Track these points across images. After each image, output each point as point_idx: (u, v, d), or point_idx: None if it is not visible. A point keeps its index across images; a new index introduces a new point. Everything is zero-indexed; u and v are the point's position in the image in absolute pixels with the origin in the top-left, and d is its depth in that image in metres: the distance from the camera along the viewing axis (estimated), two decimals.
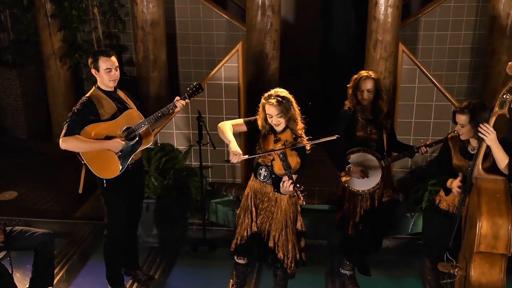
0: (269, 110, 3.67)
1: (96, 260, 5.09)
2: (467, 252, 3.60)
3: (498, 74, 6.28)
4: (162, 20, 6.56)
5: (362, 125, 4.28)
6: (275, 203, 3.89)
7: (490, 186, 3.56)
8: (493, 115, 3.52)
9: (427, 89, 5.08)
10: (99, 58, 3.98)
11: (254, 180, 3.96)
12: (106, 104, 4.05)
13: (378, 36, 5.86)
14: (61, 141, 3.88)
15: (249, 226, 3.96)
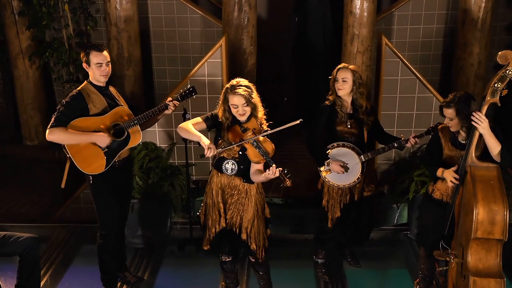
0: (235, 101, 3.63)
1: (79, 264, 4.98)
2: (463, 239, 3.63)
3: (471, 66, 6.42)
4: (136, 16, 6.39)
5: (342, 119, 4.26)
6: (246, 195, 3.85)
7: (484, 173, 3.59)
8: (485, 104, 3.54)
9: (409, 81, 5.14)
10: (91, 52, 3.92)
11: (218, 176, 3.87)
12: (96, 99, 3.98)
13: (354, 30, 5.89)
14: (48, 132, 3.85)
15: (217, 222, 3.89)
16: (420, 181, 4.87)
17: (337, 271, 4.72)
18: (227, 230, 3.89)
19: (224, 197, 3.87)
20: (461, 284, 3.64)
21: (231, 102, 3.66)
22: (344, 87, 4.20)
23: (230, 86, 3.68)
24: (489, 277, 3.51)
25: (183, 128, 3.72)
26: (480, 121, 3.52)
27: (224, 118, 3.73)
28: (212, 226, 3.90)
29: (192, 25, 6.80)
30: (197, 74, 5.14)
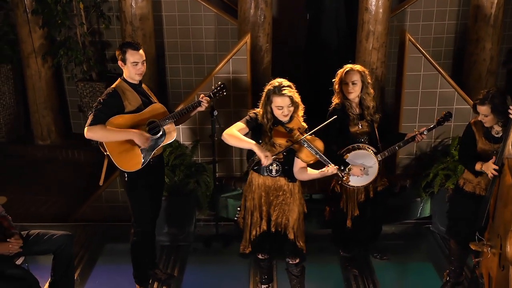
0: (280, 102, 3.55)
1: (104, 263, 4.95)
2: (501, 230, 3.63)
3: (483, 61, 6.47)
4: (150, 14, 6.36)
5: (354, 121, 4.26)
6: (290, 194, 3.79)
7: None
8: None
9: (431, 77, 5.17)
10: (127, 50, 3.92)
11: (261, 177, 3.78)
12: (131, 96, 3.98)
13: (370, 27, 5.90)
14: (87, 130, 3.85)
15: (259, 225, 3.83)
16: (444, 174, 4.90)
17: (365, 265, 4.76)
18: (270, 232, 3.82)
19: (268, 199, 3.80)
20: (499, 275, 3.66)
21: (276, 103, 3.58)
22: (355, 89, 4.21)
23: (274, 87, 3.59)
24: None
25: (232, 135, 3.60)
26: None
27: (266, 119, 3.64)
28: (254, 229, 3.84)
29: (206, 23, 6.75)
30: (222, 71, 5.10)
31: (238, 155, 5.43)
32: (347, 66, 4.27)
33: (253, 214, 3.83)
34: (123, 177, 4.09)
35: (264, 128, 3.65)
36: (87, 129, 3.84)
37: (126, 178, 4.07)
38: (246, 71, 5.11)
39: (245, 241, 3.92)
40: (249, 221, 3.86)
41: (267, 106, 3.62)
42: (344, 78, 4.22)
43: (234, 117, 5.29)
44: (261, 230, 3.82)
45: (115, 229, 5.36)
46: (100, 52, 7.03)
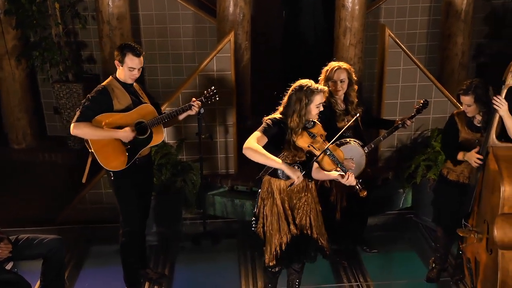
0: (321, 99, 3.49)
1: (92, 265, 4.85)
2: (488, 216, 3.74)
3: (455, 56, 6.66)
4: (128, 14, 6.28)
5: (340, 116, 4.35)
6: (310, 194, 3.74)
7: (505, 153, 3.71)
8: (505, 88, 3.65)
9: (410, 71, 5.29)
10: (127, 54, 3.86)
11: (282, 181, 3.63)
12: (121, 95, 3.94)
13: (347, 24, 6.00)
14: (73, 126, 3.81)
15: (287, 231, 3.64)
16: (425, 165, 5.02)
17: (353, 256, 4.83)
18: (299, 236, 3.67)
19: (292, 202, 3.67)
20: (488, 259, 3.77)
21: (318, 101, 3.49)
22: (343, 87, 4.31)
23: (310, 87, 3.47)
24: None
25: (257, 151, 3.36)
26: (501, 104, 3.64)
27: (298, 124, 3.49)
28: (283, 237, 3.64)
29: (183, 22, 6.71)
30: (206, 69, 5.09)
31: (224, 153, 5.43)
32: (335, 65, 4.32)
33: (279, 221, 3.65)
34: (109, 176, 4.05)
35: (289, 134, 3.51)
36: (73, 125, 3.80)
37: (112, 177, 4.03)
38: (230, 69, 5.11)
39: (269, 253, 3.68)
40: (274, 230, 3.65)
41: (305, 107, 3.48)
42: (332, 76, 4.28)
43: (219, 115, 5.31)
44: (291, 236, 3.64)
45: (101, 231, 5.28)
46: (76, 53, 6.90)
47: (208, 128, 4.97)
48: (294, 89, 3.53)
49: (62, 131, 6.95)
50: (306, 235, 3.70)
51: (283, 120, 3.53)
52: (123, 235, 4.18)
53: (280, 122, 3.53)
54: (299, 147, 3.53)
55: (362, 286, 4.46)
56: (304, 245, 3.72)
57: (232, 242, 5.15)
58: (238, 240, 5.17)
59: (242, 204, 5.27)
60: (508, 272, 3.64)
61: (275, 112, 3.62)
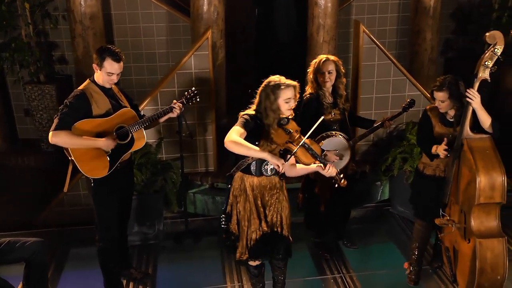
0: (288, 94, 3.45)
1: (72, 268, 4.77)
2: (465, 206, 3.85)
3: (424, 51, 6.81)
4: (100, 13, 6.21)
5: (327, 109, 4.39)
6: (282, 191, 3.76)
7: (479, 144, 3.80)
8: (477, 81, 3.72)
9: (385, 66, 5.39)
10: (107, 59, 3.70)
11: (255, 178, 3.64)
12: (100, 99, 3.79)
13: (320, 21, 6.08)
14: (51, 134, 3.65)
15: (258, 228, 3.67)
16: (402, 158, 5.13)
17: (335, 249, 4.90)
18: (268, 233, 3.70)
19: (264, 199, 3.69)
20: (465, 247, 3.88)
21: (285, 96, 3.44)
22: (331, 78, 4.35)
23: (278, 82, 3.46)
24: (492, 237, 3.76)
25: (239, 143, 3.35)
26: (474, 97, 3.70)
27: (273, 120, 3.48)
28: (253, 233, 3.66)
29: (157, 21, 6.67)
30: (184, 67, 5.07)
31: (203, 151, 5.43)
32: (322, 57, 4.38)
33: (251, 218, 3.67)
34: (89, 182, 3.91)
35: (265, 129, 3.54)
36: (52, 134, 3.63)
37: (92, 184, 3.89)
38: (208, 67, 5.11)
39: (241, 247, 3.72)
40: (246, 226, 3.68)
41: (274, 103, 3.46)
42: (321, 68, 4.33)
43: (198, 113, 5.30)
44: (262, 232, 3.67)
45: (80, 233, 5.19)
46: (47, 53, 6.77)
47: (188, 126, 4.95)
48: (263, 86, 3.54)
49: (34, 133, 6.82)
50: (276, 232, 3.73)
51: (258, 116, 3.54)
52: (101, 241, 4.06)
53: (256, 118, 3.54)
54: (275, 142, 3.54)
55: (345, 278, 4.52)
56: (274, 241, 3.75)
57: (214, 239, 5.14)
58: (220, 238, 5.15)
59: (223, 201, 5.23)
60: (486, 260, 3.76)
61: (249, 108, 3.62)
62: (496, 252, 3.77)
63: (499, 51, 3.65)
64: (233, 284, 4.48)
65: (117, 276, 4.27)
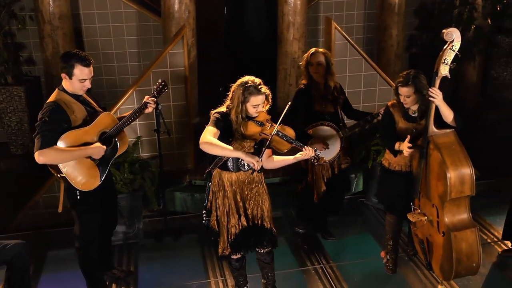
0: (258, 101, 3.50)
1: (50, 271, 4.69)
2: (435, 201, 3.93)
3: (391, 47, 7.01)
4: (69, 13, 6.15)
5: (318, 100, 4.50)
6: (261, 184, 3.81)
7: (445, 140, 3.87)
8: (438, 79, 3.78)
9: (356, 62, 5.53)
10: (76, 65, 3.56)
11: (233, 174, 3.69)
12: (76, 108, 3.65)
13: (290, 18, 6.19)
14: (38, 154, 3.44)
15: (237, 222, 3.73)
16: (375, 150, 5.28)
17: (314, 241, 5.00)
18: (248, 227, 3.75)
19: (243, 194, 3.73)
20: (440, 239, 3.99)
21: (255, 102, 3.49)
22: (320, 70, 4.44)
23: (251, 86, 3.48)
24: (465, 229, 3.89)
25: (213, 144, 3.39)
26: (436, 94, 3.78)
27: (240, 117, 3.53)
28: (233, 227, 3.72)
29: (127, 20, 6.63)
30: (159, 66, 5.07)
31: (180, 149, 5.44)
32: (312, 49, 4.48)
33: (229, 213, 3.73)
34: (74, 196, 3.74)
35: (235, 126, 3.56)
36: (38, 153, 3.43)
37: (78, 196, 3.73)
38: (184, 65, 5.12)
39: (223, 242, 3.78)
40: (226, 221, 3.74)
41: (242, 105, 3.51)
42: (310, 59, 4.43)
43: (174, 111, 5.30)
44: (241, 227, 3.72)
45: (57, 235, 5.14)
46: (14, 54, 6.62)
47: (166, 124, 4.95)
48: (237, 85, 3.56)
49: (3, 136, 6.66)
50: (257, 224, 3.79)
51: (229, 113, 3.58)
52: (82, 248, 3.97)
53: (227, 115, 3.58)
54: (247, 138, 3.59)
55: (325, 268, 4.62)
56: (255, 234, 3.80)
57: (194, 236, 5.16)
58: (200, 234, 5.19)
59: (202, 198, 5.28)
60: (461, 250, 3.89)
61: (221, 106, 3.66)
62: (470, 242, 3.90)
63: (457, 48, 3.72)
64: (216, 279, 4.52)
65: (100, 278, 4.21)
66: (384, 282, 4.46)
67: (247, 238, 3.78)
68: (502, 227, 4.83)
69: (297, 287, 4.43)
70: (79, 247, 3.99)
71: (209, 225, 3.81)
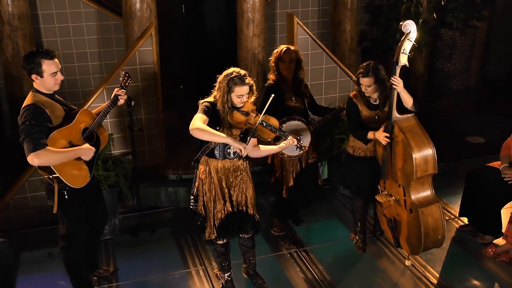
0: (242, 91, 3.66)
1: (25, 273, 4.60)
2: (402, 181, 4.22)
3: (345, 41, 7.31)
4: (29, 13, 6.07)
5: (288, 95, 4.64)
6: (246, 172, 3.96)
7: (407, 124, 4.16)
8: (398, 67, 4.05)
9: (317, 55, 5.76)
10: (42, 61, 3.56)
11: (219, 161, 3.84)
12: (54, 107, 3.66)
13: (249, 15, 6.36)
14: (33, 156, 3.42)
15: (223, 208, 3.89)
16: (339, 138, 5.53)
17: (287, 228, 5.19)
18: (233, 213, 3.91)
19: (229, 181, 3.88)
20: (408, 217, 4.28)
21: (239, 92, 3.64)
22: (291, 67, 4.58)
23: (235, 77, 3.64)
24: (430, 204, 4.21)
25: (203, 130, 3.53)
26: (398, 82, 4.06)
27: (227, 107, 3.68)
28: (218, 212, 3.88)
29: (86, 20, 6.60)
30: (129, 63, 5.12)
31: (151, 144, 5.51)
32: (283, 47, 4.58)
33: (216, 200, 3.88)
34: (62, 196, 3.76)
35: (222, 115, 3.70)
36: (33, 156, 3.42)
37: (67, 196, 3.76)
38: (153, 62, 5.20)
39: (210, 227, 3.94)
40: (212, 207, 3.90)
41: (227, 95, 3.66)
42: (283, 56, 4.53)
43: (144, 107, 5.37)
44: (226, 212, 3.89)
45: (29, 236, 5.11)
46: None
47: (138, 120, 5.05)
48: (223, 76, 3.70)
49: None
50: (241, 210, 3.97)
51: (216, 103, 3.73)
52: (68, 247, 3.98)
53: (215, 105, 3.73)
54: (234, 127, 3.74)
55: (299, 252, 4.84)
56: (239, 220, 3.98)
57: (169, 230, 5.26)
58: (175, 227, 5.29)
59: (176, 191, 5.40)
60: (428, 225, 4.20)
61: (209, 96, 3.80)
62: (435, 217, 4.22)
63: (413, 38, 4.00)
64: (196, 268, 4.63)
65: (86, 277, 4.21)
66: (356, 261, 4.72)
67: (231, 223, 3.95)
68: (457, 205, 5.23)
69: (275, 271, 4.60)
70: (65, 246, 3.98)
71: (196, 210, 3.95)
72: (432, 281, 4.40)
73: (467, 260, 4.71)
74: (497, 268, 4.53)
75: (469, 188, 4.94)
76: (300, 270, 4.60)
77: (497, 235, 4.82)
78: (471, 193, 4.92)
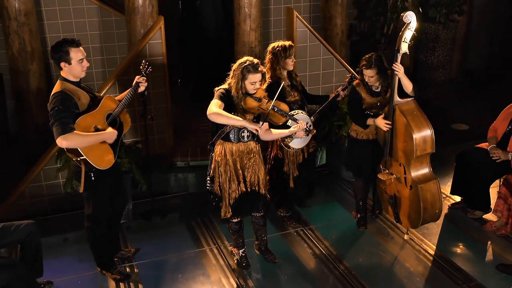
0: (255, 78, 3.91)
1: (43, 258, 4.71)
2: (402, 160, 4.55)
3: (336, 35, 7.61)
4: (34, 9, 6.24)
5: (288, 91, 4.83)
6: (258, 154, 4.23)
7: (407, 107, 4.49)
8: (400, 55, 4.38)
9: (315, 47, 6.08)
10: (70, 49, 3.77)
11: (234, 145, 4.10)
12: (81, 95, 3.88)
13: (246, 10, 6.63)
14: (62, 139, 3.64)
15: (237, 188, 4.16)
16: (338, 125, 5.85)
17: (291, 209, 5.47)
18: (246, 192, 4.19)
19: (243, 162, 4.15)
20: (408, 193, 4.61)
21: (252, 79, 3.90)
22: (293, 63, 4.77)
23: (249, 65, 3.88)
24: (429, 181, 4.56)
25: (221, 114, 3.78)
26: (399, 69, 4.38)
27: (241, 93, 3.94)
28: (233, 192, 4.16)
29: (89, 16, 6.78)
30: (139, 55, 5.34)
31: (161, 133, 5.74)
32: (286, 43, 4.69)
33: (231, 180, 4.15)
34: (89, 178, 3.98)
35: (236, 101, 3.96)
36: (62, 138, 3.64)
37: (93, 177, 3.98)
38: (162, 54, 5.44)
39: (225, 206, 4.22)
40: (227, 187, 4.16)
41: (241, 82, 3.92)
42: (290, 52, 4.66)
43: (153, 97, 5.60)
44: (240, 192, 4.17)
45: (45, 223, 5.26)
46: None
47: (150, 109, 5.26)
48: (237, 64, 3.97)
49: None
50: (254, 190, 4.25)
51: (230, 90, 4.00)
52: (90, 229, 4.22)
53: (229, 91, 4.00)
54: (247, 112, 4.02)
55: (305, 230, 5.15)
56: (252, 199, 4.27)
57: (181, 214, 5.50)
58: (186, 211, 5.54)
59: (185, 177, 5.66)
60: (427, 200, 4.54)
61: (224, 83, 4.07)
62: (433, 192, 4.58)
63: (413, 28, 4.33)
64: (210, 247, 4.90)
65: (108, 256, 4.45)
66: (358, 237, 5.04)
67: (245, 202, 4.24)
68: (447, 185, 5.61)
69: (283, 248, 4.88)
70: (89, 226, 4.21)
71: (212, 191, 4.23)
72: (430, 252, 4.76)
73: (459, 233, 5.08)
74: (484, 239, 4.95)
75: (460, 167, 5.32)
76: (307, 246, 4.90)
77: (486, 210, 5.22)
78: (461, 172, 5.30)
